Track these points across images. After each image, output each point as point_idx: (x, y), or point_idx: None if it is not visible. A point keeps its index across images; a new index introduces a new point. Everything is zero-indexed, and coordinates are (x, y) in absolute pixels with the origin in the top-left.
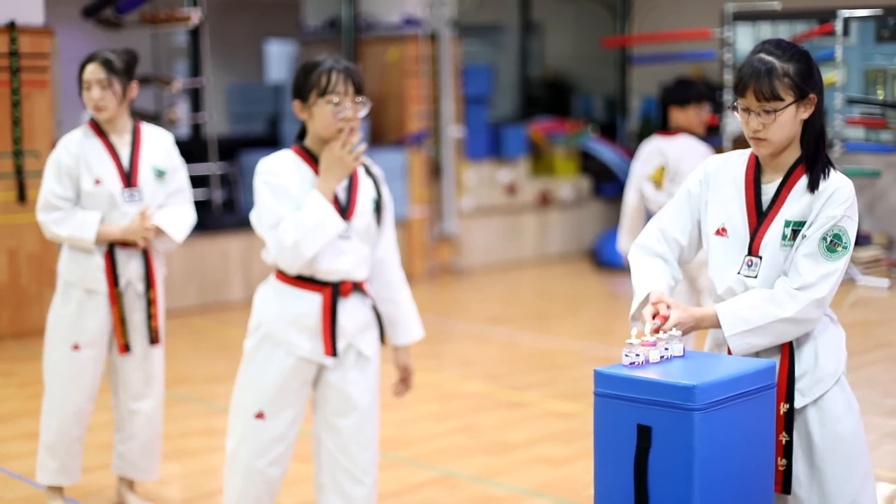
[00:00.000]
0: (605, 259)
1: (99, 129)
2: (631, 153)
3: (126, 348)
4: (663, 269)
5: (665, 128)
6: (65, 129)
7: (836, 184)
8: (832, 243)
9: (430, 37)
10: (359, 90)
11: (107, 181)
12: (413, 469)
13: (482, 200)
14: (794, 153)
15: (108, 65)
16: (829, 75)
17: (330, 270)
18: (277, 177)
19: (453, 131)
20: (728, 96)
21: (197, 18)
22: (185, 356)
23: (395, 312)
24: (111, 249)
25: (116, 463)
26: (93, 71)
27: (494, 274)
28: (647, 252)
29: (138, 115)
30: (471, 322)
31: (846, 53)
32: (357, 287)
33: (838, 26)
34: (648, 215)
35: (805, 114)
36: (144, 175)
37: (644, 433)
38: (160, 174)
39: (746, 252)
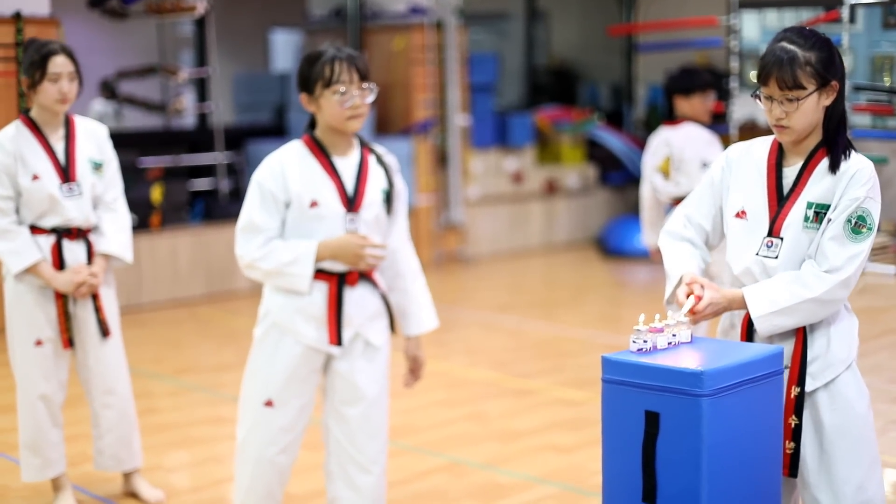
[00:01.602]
0: (612, 247)
1: (32, 125)
2: (637, 141)
3: (70, 343)
4: (692, 251)
5: (671, 117)
6: None
7: (857, 165)
8: (857, 225)
9: (436, 25)
10: (364, 77)
11: (44, 177)
12: (420, 457)
13: (488, 189)
14: (817, 138)
15: (73, 57)
16: None
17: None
18: (273, 179)
19: (459, 120)
20: (734, 84)
21: (202, 8)
22: (192, 345)
23: (407, 303)
24: (59, 243)
25: (97, 459)
26: (64, 63)
27: (501, 262)
28: (675, 237)
29: (144, 105)
30: (478, 310)
31: (852, 40)
32: (365, 276)
33: (845, 13)
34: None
35: (827, 100)
36: (82, 168)
37: (652, 419)
38: (97, 166)
39: (766, 234)
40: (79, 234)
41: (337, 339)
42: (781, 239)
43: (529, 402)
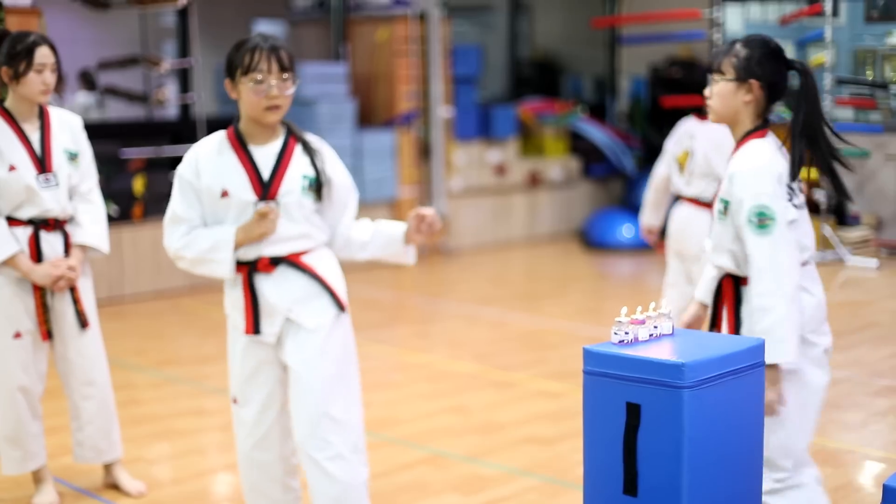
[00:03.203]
0: (595, 239)
1: (7, 115)
2: (620, 134)
3: (49, 335)
4: None
5: (655, 109)
6: None
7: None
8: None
9: (420, 17)
10: (284, 68)
11: (21, 167)
12: (402, 449)
13: (471, 181)
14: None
15: (54, 48)
16: (819, 56)
17: (245, 249)
18: (189, 170)
19: (442, 112)
20: None
21: None
22: (174, 337)
23: (381, 239)
24: (36, 234)
25: (77, 452)
26: (48, 54)
27: (484, 254)
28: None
29: (126, 96)
30: (460, 302)
31: (835, 34)
32: (284, 260)
33: (828, 6)
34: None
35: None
36: (58, 159)
37: (633, 411)
38: (73, 157)
39: None
40: (56, 225)
41: (254, 328)
42: None
43: (511, 395)
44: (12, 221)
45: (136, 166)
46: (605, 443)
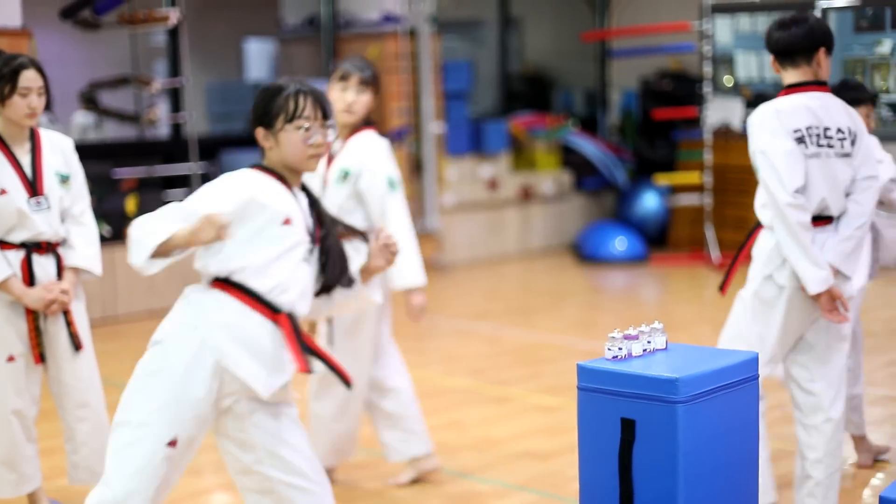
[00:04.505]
0: (588, 253)
1: None
2: (612, 147)
3: (41, 358)
4: None
5: (647, 122)
6: None
7: None
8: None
9: (410, 33)
10: (326, 115)
11: (12, 191)
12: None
13: (464, 196)
14: None
15: (42, 72)
16: None
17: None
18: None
19: (434, 127)
20: (707, 88)
21: (175, 18)
22: None
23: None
24: (28, 257)
25: (71, 474)
26: (34, 78)
27: (477, 269)
28: None
29: (118, 116)
30: (454, 318)
31: None
32: None
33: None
34: None
35: None
36: (49, 182)
37: (628, 426)
38: (64, 179)
39: None
40: (48, 248)
41: None
42: None
43: (507, 410)
44: (4, 245)
45: (128, 186)
46: (600, 458)
